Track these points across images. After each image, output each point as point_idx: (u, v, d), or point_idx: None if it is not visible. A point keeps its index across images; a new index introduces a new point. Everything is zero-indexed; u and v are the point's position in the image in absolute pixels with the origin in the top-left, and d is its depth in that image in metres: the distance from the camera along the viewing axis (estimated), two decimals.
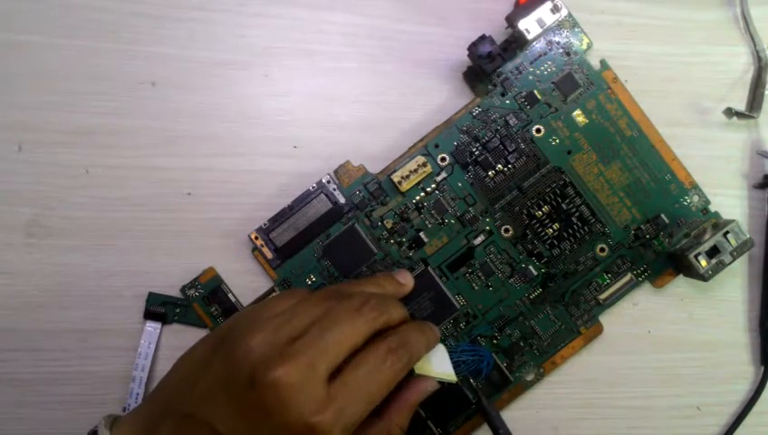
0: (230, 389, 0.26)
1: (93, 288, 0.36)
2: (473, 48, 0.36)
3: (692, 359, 0.38)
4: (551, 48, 0.37)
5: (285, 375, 0.25)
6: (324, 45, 0.38)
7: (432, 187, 0.36)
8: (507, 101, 0.36)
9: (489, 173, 0.36)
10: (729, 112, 0.37)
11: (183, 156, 0.37)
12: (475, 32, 0.36)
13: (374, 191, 0.36)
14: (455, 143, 0.36)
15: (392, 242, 0.36)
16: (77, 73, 0.37)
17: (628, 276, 0.37)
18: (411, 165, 0.36)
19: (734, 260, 0.35)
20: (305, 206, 0.36)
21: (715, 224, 0.36)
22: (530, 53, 0.36)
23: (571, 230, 0.37)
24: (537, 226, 0.37)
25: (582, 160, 0.37)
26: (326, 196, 0.36)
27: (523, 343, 0.37)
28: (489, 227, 0.37)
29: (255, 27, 0.38)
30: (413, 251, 0.36)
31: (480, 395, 0.35)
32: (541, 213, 0.37)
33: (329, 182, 0.36)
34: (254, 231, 0.36)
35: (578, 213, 0.37)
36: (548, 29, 0.36)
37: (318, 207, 0.36)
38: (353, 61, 0.38)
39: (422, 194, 0.36)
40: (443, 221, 0.36)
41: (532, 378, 0.37)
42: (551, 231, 0.37)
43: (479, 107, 0.36)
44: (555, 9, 0.35)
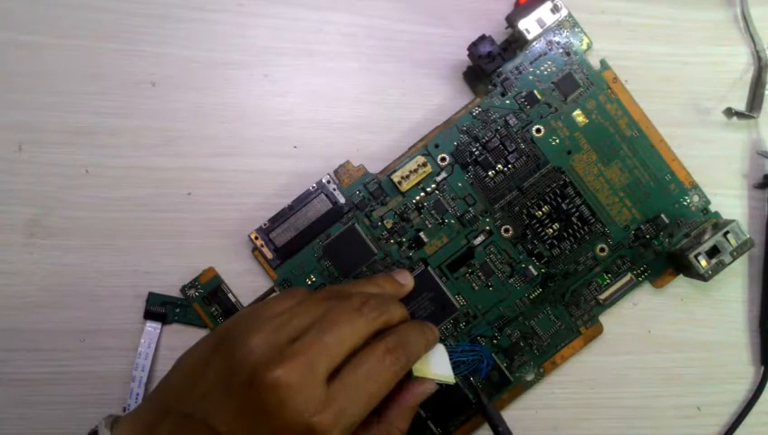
0: (230, 389, 0.26)
1: (93, 288, 0.36)
2: (473, 48, 0.36)
3: (692, 359, 0.38)
4: (551, 48, 0.37)
5: (285, 375, 0.25)
6: (324, 45, 0.38)
7: (432, 187, 0.36)
8: (507, 101, 0.36)
9: (489, 173, 0.36)
10: (729, 112, 0.37)
11: (183, 156, 0.37)
12: (475, 32, 0.36)
13: (374, 191, 0.36)
14: (455, 143, 0.36)
15: (392, 242, 0.36)
16: (77, 73, 0.37)
17: (628, 276, 0.37)
18: (411, 165, 0.36)
19: (734, 260, 0.35)
20: (305, 206, 0.36)
21: (715, 224, 0.36)
22: (530, 53, 0.36)
23: (571, 230, 0.37)
24: (537, 226, 0.37)
25: (582, 160, 0.37)
26: (326, 196, 0.36)
27: (523, 343, 0.37)
28: (489, 227, 0.37)
29: (255, 27, 0.38)
30: (413, 251, 0.36)
31: (480, 395, 0.35)
32: (541, 213, 0.37)
33: (329, 182, 0.36)
34: (254, 231, 0.36)
35: (578, 213, 0.37)
36: (548, 29, 0.36)
37: (318, 207, 0.36)
38: (353, 61, 0.38)
39: (422, 194, 0.36)
40: (443, 221, 0.36)
41: (532, 378, 0.37)
42: (551, 231, 0.37)
43: (479, 107, 0.36)
44: (555, 9, 0.35)
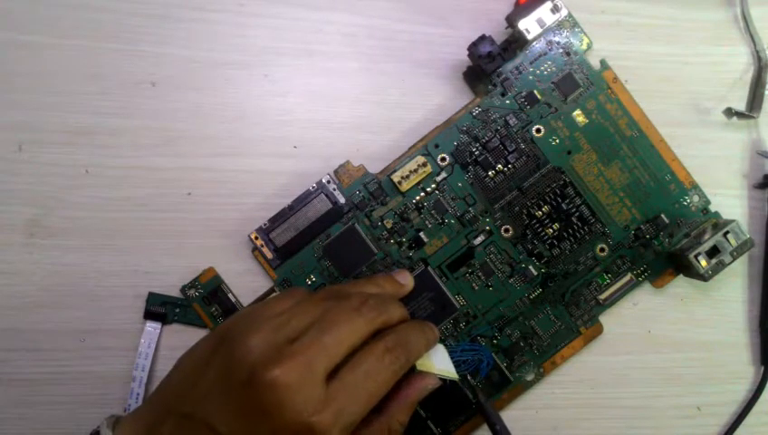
0: (229, 389, 0.26)
1: (93, 288, 0.36)
2: (473, 48, 0.36)
3: (692, 359, 0.38)
4: (551, 48, 0.37)
5: (284, 375, 0.25)
6: (324, 45, 0.38)
7: (432, 187, 0.36)
8: (507, 101, 0.36)
9: (489, 173, 0.36)
10: (729, 112, 0.37)
11: (183, 156, 0.37)
12: (475, 32, 0.36)
13: (374, 191, 0.36)
14: (455, 143, 0.36)
15: (392, 242, 0.36)
16: (77, 73, 0.37)
17: (628, 276, 0.37)
18: (411, 165, 0.36)
19: (734, 260, 0.35)
20: (305, 206, 0.36)
21: (715, 224, 0.36)
22: (530, 53, 0.36)
23: (571, 230, 0.37)
24: (537, 226, 0.37)
25: (582, 160, 0.37)
26: (326, 196, 0.36)
27: (523, 343, 0.37)
28: (489, 227, 0.37)
29: (255, 27, 0.38)
30: (413, 251, 0.36)
31: (477, 392, 0.35)
32: (541, 213, 0.37)
33: (329, 182, 0.36)
34: (254, 231, 0.36)
35: (578, 213, 0.37)
36: (548, 29, 0.36)
37: (318, 207, 0.36)
38: (353, 61, 0.38)
39: (422, 194, 0.36)
40: (443, 221, 0.36)
41: (532, 378, 0.37)
42: (551, 231, 0.37)
43: (479, 107, 0.36)
44: (555, 9, 0.35)
